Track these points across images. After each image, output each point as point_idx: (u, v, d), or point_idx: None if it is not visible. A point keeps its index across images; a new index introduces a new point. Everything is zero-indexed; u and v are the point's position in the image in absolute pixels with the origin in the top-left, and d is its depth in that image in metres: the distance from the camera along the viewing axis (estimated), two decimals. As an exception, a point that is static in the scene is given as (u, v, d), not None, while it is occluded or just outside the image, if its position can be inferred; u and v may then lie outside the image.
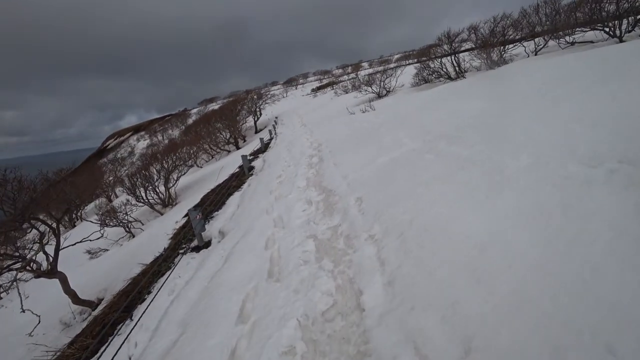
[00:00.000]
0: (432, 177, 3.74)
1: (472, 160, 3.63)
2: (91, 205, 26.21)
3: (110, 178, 27.06)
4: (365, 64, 55.64)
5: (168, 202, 14.72)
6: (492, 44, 13.30)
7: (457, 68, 15.00)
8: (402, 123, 7.38)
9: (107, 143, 74.54)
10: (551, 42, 12.45)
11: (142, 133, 62.04)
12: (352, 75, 41.35)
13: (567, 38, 11.43)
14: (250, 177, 9.66)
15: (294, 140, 12.74)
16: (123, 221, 12.14)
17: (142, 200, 13.77)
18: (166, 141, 37.15)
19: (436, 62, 15.30)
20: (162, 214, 13.78)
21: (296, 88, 55.80)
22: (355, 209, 3.84)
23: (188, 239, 6.21)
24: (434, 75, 15.99)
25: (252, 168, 11.12)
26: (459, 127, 5.11)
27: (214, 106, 49.49)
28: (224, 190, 9.18)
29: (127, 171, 23.19)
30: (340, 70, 59.62)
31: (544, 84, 5.44)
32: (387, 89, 17.52)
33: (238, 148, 23.38)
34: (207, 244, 5.81)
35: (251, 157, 13.86)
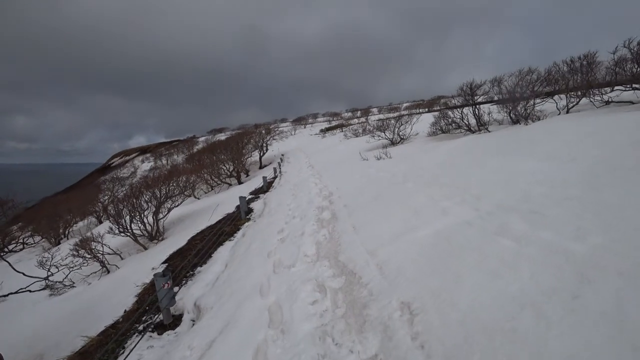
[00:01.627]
0: (528, 287, 2.27)
1: (598, 265, 2.19)
2: (80, 224, 24.60)
3: (106, 197, 25.66)
4: (374, 110, 55.75)
5: (155, 235, 13.20)
6: (520, 97, 12.30)
7: (478, 120, 13.99)
8: (432, 179, 6.02)
9: (113, 160, 74.01)
10: (583, 100, 11.41)
11: (148, 155, 61.45)
12: (362, 119, 40.96)
13: (603, 96, 10.37)
14: (246, 224, 8.20)
15: (300, 183, 11.38)
16: (97, 255, 10.57)
17: (126, 231, 12.27)
18: (169, 166, 36.16)
19: (456, 112, 14.28)
20: (145, 249, 12.23)
21: (305, 127, 55.56)
22: (407, 336, 2.27)
23: (156, 306, 4.65)
24: (452, 126, 14.97)
25: (250, 211, 9.68)
26: (529, 197, 3.73)
27: (222, 136, 48.98)
28: (215, 236, 7.71)
29: (116, 195, 21.72)
30: (350, 114, 59.70)
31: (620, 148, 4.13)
32: (402, 136, 16.44)
33: (240, 182, 22.10)
34: (176, 321, 4.25)
35: (251, 196, 12.48)
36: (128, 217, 12.75)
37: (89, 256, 10.35)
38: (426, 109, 31.54)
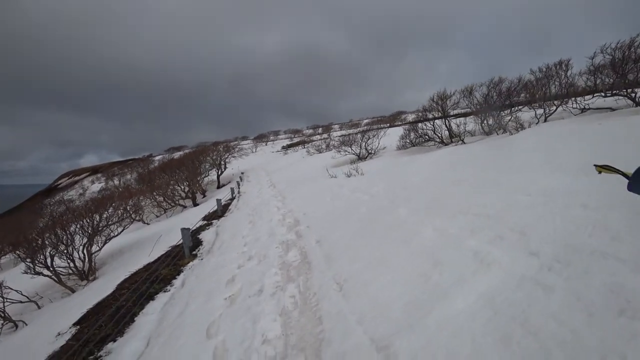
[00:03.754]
0: None
1: None
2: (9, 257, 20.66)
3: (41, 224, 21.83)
4: (336, 126, 54.99)
5: (88, 273, 10.66)
6: (494, 106, 11.42)
7: (450, 131, 13.01)
8: (432, 203, 4.49)
9: (60, 181, 67.15)
10: (559, 109, 10.68)
11: (99, 175, 56.17)
12: (324, 135, 39.87)
13: (580, 104, 9.66)
14: (190, 263, 6.22)
15: (260, 206, 9.52)
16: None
17: (48, 269, 9.69)
18: (121, 187, 32.46)
19: (428, 124, 13.23)
20: (73, 291, 9.69)
21: (266, 144, 53.56)
22: None
23: None
24: (422, 139, 13.92)
25: (198, 243, 7.68)
26: (606, 228, 2.28)
27: (180, 155, 45.73)
28: (146, 283, 5.70)
29: (40, 223, 18.18)
30: (311, 130, 58.52)
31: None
32: (369, 151, 15.16)
33: (195, 204, 19.70)
34: None
35: (203, 222, 10.42)
36: (49, 251, 10.19)
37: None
38: (387, 125, 30.95)
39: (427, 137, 13.47)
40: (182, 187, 20.74)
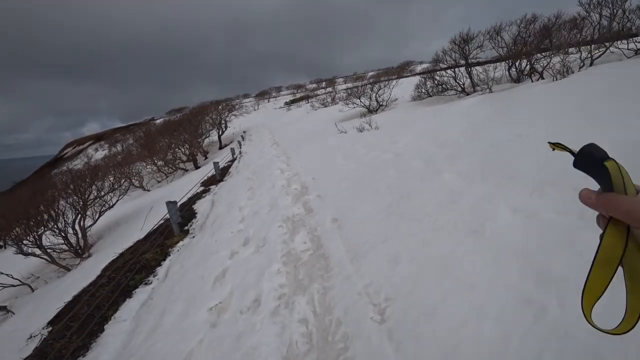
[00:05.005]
0: None
1: None
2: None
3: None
4: (340, 80, 52.03)
5: (84, 249, 9.82)
6: (526, 51, 9.64)
7: (471, 80, 11.32)
8: (487, 166, 3.20)
9: (66, 151, 66.18)
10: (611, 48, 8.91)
11: (102, 142, 54.91)
12: (329, 89, 37.59)
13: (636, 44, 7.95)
14: (180, 243, 5.15)
15: (262, 169, 8.28)
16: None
17: (41, 249, 8.86)
18: (124, 152, 31.28)
19: (448, 71, 11.49)
20: (69, 270, 8.89)
21: (268, 101, 51.19)
22: None
23: None
24: (440, 88, 12.25)
25: (192, 216, 6.57)
26: None
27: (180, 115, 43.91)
28: (126, 274, 4.70)
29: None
30: (315, 85, 55.52)
31: None
32: (380, 103, 13.55)
33: (197, 167, 18.58)
34: None
35: (200, 188, 9.28)
36: (38, 231, 9.29)
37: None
38: (395, 76, 28.66)
39: (445, 86, 11.80)
40: (183, 150, 19.50)
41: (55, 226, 9.17)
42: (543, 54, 9.60)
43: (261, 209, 4.78)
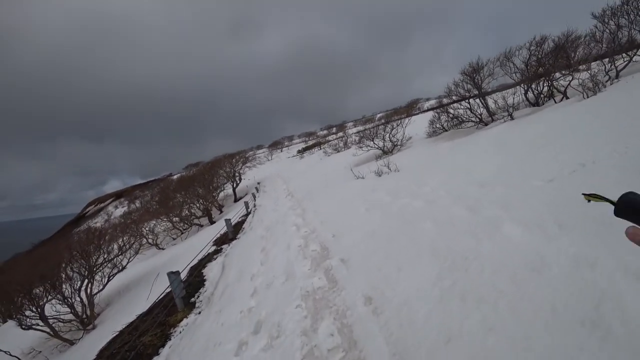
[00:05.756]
0: None
1: None
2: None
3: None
4: (349, 124, 52.66)
5: (90, 319, 9.06)
6: (544, 71, 9.07)
7: (487, 109, 10.72)
8: (562, 213, 2.42)
9: (88, 209, 67.44)
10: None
11: (122, 199, 55.84)
12: (340, 134, 37.76)
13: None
14: (184, 322, 4.35)
15: (275, 224, 7.56)
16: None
17: (43, 321, 8.18)
18: (142, 209, 31.31)
19: (462, 103, 10.97)
20: (72, 343, 8.10)
21: (281, 150, 51.83)
22: None
23: None
24: (453, 122, 11.67)
25: (200, 285, 5.80)
26: None
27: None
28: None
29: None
30: (325, 131, 56.31)
31: None
32: (394, 143, 12.99)
33: (212, 222, 18.05)
34: None
35: (212, 248, 8.58)
36: (40, 302, 8.66)
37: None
38: (404, 115, 28.53)
39: (461, 118, 11.22)
40: (198, 205, 19.14)
41: (60, 295, 8.55)
42: (563, 72, 8.99)
43: (275, 279, 3.98)
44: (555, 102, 8.75)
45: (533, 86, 10.07)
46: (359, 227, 4.44)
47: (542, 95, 9.88)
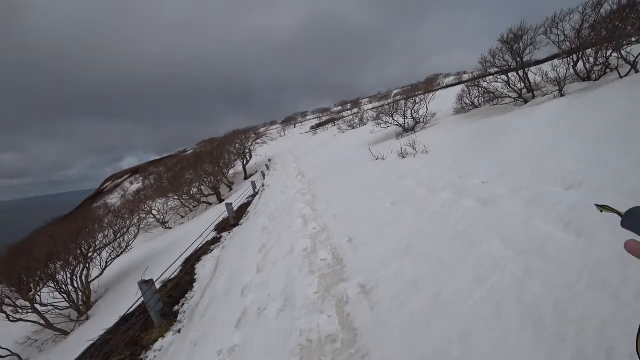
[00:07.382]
0: None
1: None
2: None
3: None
4: (364, 100, 50.39)
5: (88, 306, 8.42)
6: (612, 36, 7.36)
7: (525, 84, 9.10)
8: None
9: (105, 185, 68.29)
10: None
11: (137, 175, 56.00)
12: (354, 110, 35.94)
13: None
14: (156, 346, 3.35)
15: (281, 212, 6.44)
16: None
17: (35, 312, 7.61)
18: (156, 185, 30.82)
19: (498, 77, 9.35)
20: (67, 334, 7.47)
21: (295, 127, 50.30)
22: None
23: None
24: (485, 98, 10.12)
25: (189, 287, 4.80)
26: None
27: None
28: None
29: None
30: (340, 107, 54.13)
31: None
32: (417, 120, 11.52)
33: (220, 200, 17.21)
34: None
35: (212, 235, 7.58)
36: (32, 292, 8.02)
37: None
38: (422, 91, 26.50)
39: (493, 94, 9.64)
40: (207, 183, 18.28)
41: (54, 282, 7.87)
42: (632, 38, 7.26)
43: (270, 303, 2.87)
44: (621, 75, 7.11)
45: (589, 57, 8.34)
46: (385, 231, 3.25)
47: (602, 67, 8.16)
